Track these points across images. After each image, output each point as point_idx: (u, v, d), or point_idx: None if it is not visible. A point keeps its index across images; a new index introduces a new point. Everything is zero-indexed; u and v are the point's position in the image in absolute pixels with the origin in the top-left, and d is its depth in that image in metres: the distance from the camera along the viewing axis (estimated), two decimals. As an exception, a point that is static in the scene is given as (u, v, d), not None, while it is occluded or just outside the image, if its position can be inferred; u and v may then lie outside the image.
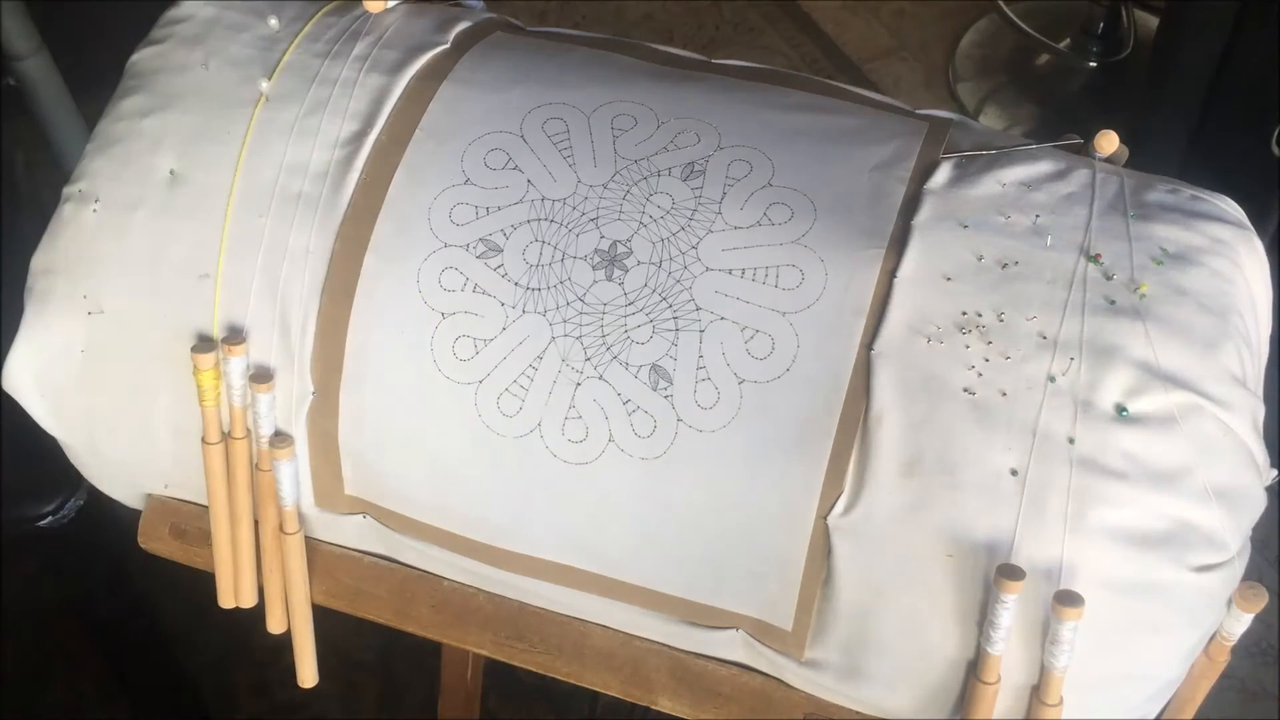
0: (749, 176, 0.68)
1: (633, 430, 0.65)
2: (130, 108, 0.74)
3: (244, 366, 0.70)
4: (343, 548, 0.78)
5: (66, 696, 1.40)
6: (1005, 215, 0.67)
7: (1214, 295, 0.65)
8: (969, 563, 0.62)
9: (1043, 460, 0.61)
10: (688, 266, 0.66)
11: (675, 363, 0.65)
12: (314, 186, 0.70)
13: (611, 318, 0.66)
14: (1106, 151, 0.71)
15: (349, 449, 0.71)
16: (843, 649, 0.67)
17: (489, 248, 0.68)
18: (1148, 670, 0.64)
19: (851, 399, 0.64)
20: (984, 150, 0.70)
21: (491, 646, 0.76)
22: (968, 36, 2.04)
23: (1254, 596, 0.63)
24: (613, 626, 0.74)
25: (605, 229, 0.67)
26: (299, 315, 0.69)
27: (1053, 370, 0.63)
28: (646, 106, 0.71)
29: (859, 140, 0.70)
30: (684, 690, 0.73)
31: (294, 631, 0.79)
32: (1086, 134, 0.72)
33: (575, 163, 0.69)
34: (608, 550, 0.69)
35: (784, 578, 0.66)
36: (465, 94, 0.72)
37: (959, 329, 0.64)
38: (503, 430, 0.67)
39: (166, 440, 0.74)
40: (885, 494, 0.63)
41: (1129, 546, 0.61)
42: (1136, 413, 0.62)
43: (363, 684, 1.41)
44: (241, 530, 0.75)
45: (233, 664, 1.42)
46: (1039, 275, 0.65)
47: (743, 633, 0.70)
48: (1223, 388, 0.63)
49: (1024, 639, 0.63)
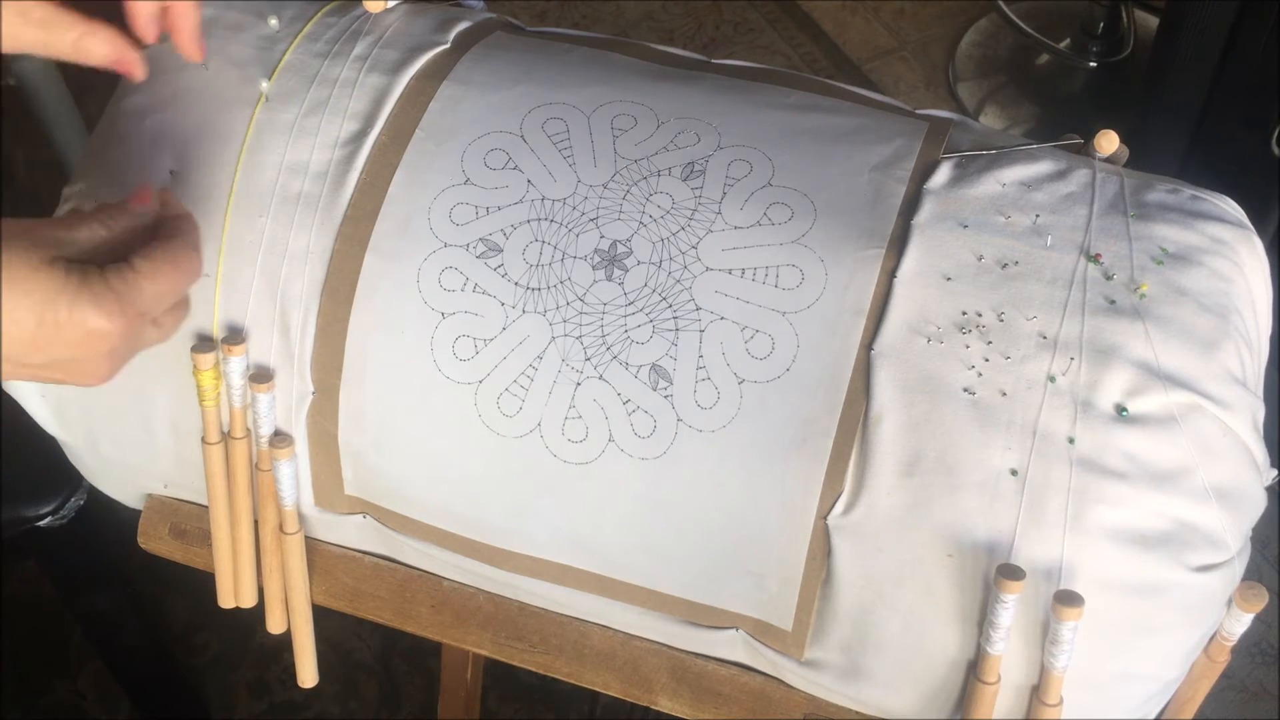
0: (749, 176, 0.68)
1: (633, 430, 0.65)
2: (130, 108, 0.74)
3: (244, 366, 0.70)
4: (343, 548, 0.78)
5: (66, 696, 1.40)
6: (1005, 215, 0.67)
7: (1214, 295, 0.65)
8: (969, 563, 0.62)
9: (1043, 460, 0.61)
10: (688, 266, 0.66)
11: (675, 363, 0.65)
12: (314, 186, 0.70)
13: (611, 318, 0.66)
14: (1106, 151, 0.71)
15: (349, 449, 0.71)
16: (843, 649, 0.67)
17: (489, 248, 0.68)
18: (1148, 670, 0.64)
19: (851, 399, 0.64)
20: (984, 150, 0.70)
21: (491, 646, 0.76)
22: (968, 36, 2.05)
23: (1254, 596, 0.63)
24: (612, 626, 0.74)
25: (605, 229, 0.67)
26: (299, 315, 0.69)
27: (1053, 370, 0.63)
28: (646, 106, 0.71)
29: (859, 140, 0.70)
30: (684, 690, 0.73)
31: (294, 631, 0.79)
32: (1086, 134, 0.72)
33: (575, 163, 0.69)
34: (607, 550, 0.69)
35: (784, 578, 0.66)
36: (465, 94, 0.72)
37: (959, 329, 0.64)
38: (503, 430, 0.67)
39: (166, 440, 0.74)
40: (885, 494, 0.63)
41: (1129, 546, 0.61)
42: (1136, 413, 0.62)
43: (363, 684, 1.41)
44: (241, 530, 0.75)
45: (233, 664, 1.42)
46: (1039, 275, 0.65)
47: (743, 633, 0.70)
48: (1223, 388, 0.63)
49: (1024, 639, 0.63)
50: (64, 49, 0.61)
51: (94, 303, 0.55)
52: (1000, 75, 2.00)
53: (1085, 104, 1.97)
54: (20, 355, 0.55)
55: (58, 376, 0.57)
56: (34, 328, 0.54)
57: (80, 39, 0.61)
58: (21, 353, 0.55)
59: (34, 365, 0.56)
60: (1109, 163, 0.72)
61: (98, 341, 0.55)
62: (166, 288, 0.58)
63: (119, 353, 0.58)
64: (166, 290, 0.58)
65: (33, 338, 0.54)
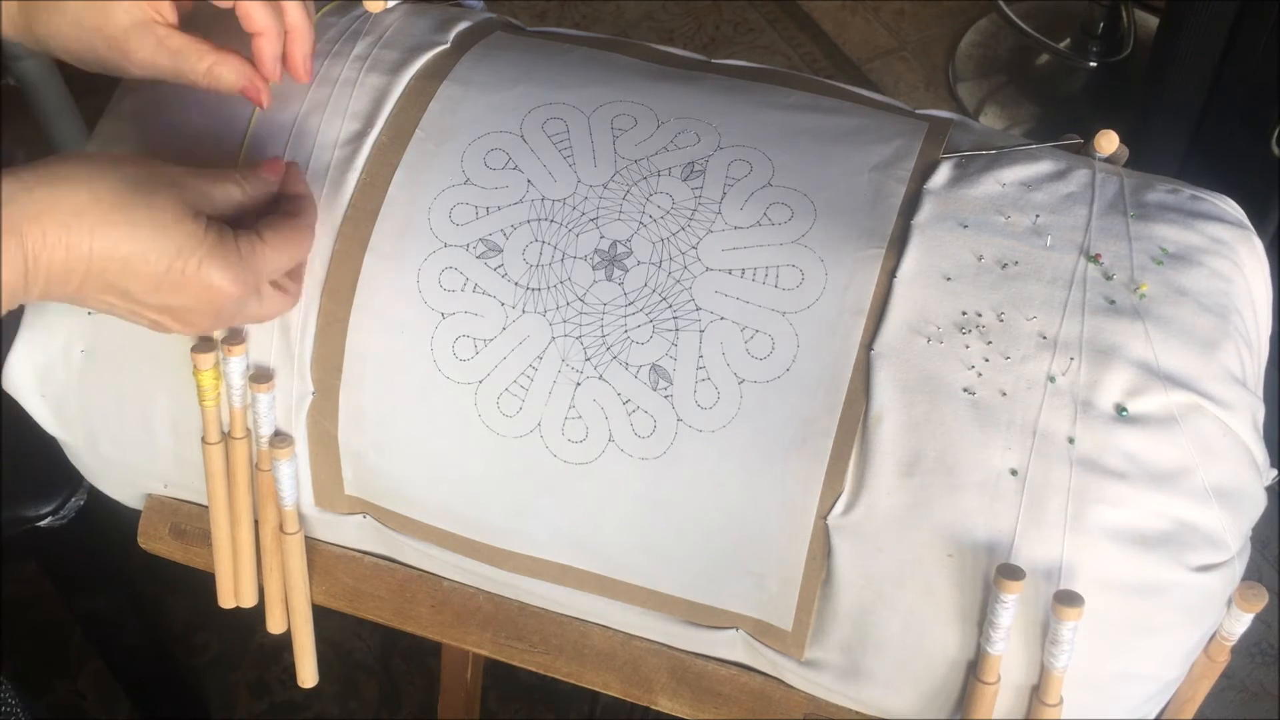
0: (749, 176, 0.68)
1: (633, 430, 0.65)
2: (131, 108, 0.74)
3: (244, 366, 0.70)
4: (343, 548, 0.78)
5: (66, 696, 1.40)
6: (1005, 215, 0.67)
7: (1214, 295, 0.65)
8: (969, 563, 0.62)
9: (1043, 460, 0.61)
10: (688, 266, 0.66)
11: (675, 363, 0.65)
12: (314, 186, 0.70)
13: (611, 318, 0.66)
14: (1107, 151, 0.71)
15: (349, 449, 0.71)
16: (843, 649, 0.67)
17: (489, 248, 0.68)
18: (1148, 670, 0.64)
19: (851, 399, 0.64)
20: (984, 150, 0.70)
21: (491, 646, 0.76)
22: (968, 36, 2.05)
23: (1254, 596, 0.63)
24: (613, 626, 0.74)
25: (605, 229, 0.67)
26: (299, 315, 0.69)
27: (1053, 370, 0.63)
28: (646, 106, 0.71)
29: (859, 140, 0.70)
30: (684, 690, 0.73)
31: (294, 631, 0.79)
32: (1086, 134, 0.72)
33: (575, 163, 0.69)
34: (607, 550, 0.69)
35: (784, 578, 0.66)
36: (465, 94, 0.72)
37: (959, 329, 0.64)
38: (503, 430, 0.67)
39: (166, 440, 0.74)
40: (885, 494, 0.63)
41: (1129, 546, 0.61)
42: (1136, 413, 0.62)
43: (363, 684, 1.41)
44: (241, 530, 0.75)
45: (233, 664, 1.42)
46: (1039, 275, 0.65)
47: (743, 633, 0.70)
48: (1223, 388, 0.63)
49: (1024, 639, 0.63)
50: (196, 77, 0.66)
51: (222, 263, 0.60)
52: (1000, 75, 2.00)
53: (1085, 104, 1.97)
54: (140, 293, 0.59)
55: (163, 321, 0.61)
56: (162, 272, 0.58)
57: (212, 67, 0.66)
58: (142, 290, 0.59)
59: (147, 305, 0.60)
60: (1109, 163, 0.72)
61: (215, 297, 0.60)
62: (285, 261, 0.63)
63: (225, 313, 0.62)
64: (284, 264, 0.63)
65: (158, 282, 0.59)
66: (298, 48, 0.69)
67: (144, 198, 0.58)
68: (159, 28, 0.65)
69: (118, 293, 0.59)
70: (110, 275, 0.58)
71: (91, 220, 0.57)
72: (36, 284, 0.57)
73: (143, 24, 0.65)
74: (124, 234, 0.57)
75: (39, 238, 0.56)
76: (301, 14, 0.68)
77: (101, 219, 0.57)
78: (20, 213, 0.55)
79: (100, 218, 0.57)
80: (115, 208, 0.57)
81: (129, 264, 0.58)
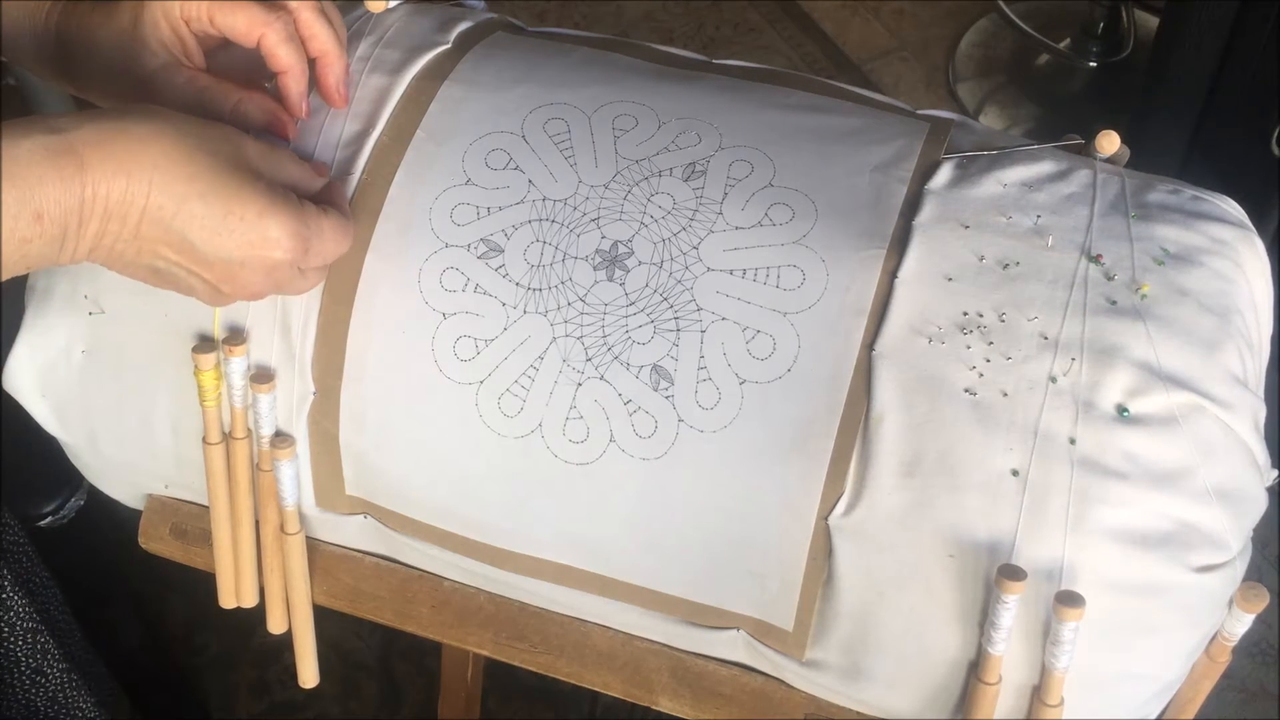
0: (750, 177, 0.68)
1: (634, 431, 0.65)
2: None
3: (245, 367, 0.70)
4: (343, 548, 0.78)
5: (66, 696, 1.40)
6: (1006, 216, 0.67)
7: (1215, 295, 0.65)
8: (970, 563, 0.62)
9: (1044, 461, 0.61)
10: (689, 267, 0.66)
11: (676, 363, 0.65)
12: (315, 186, 0.70)
13: (613, 318, 0.66)
14: (1107, 152, 0.71)
15: (350, 449, 0.71)
16: (844, 649, 0.67)
17: (490, 248, 0.68)
18: (1149, 670, 0.64)
19: (852, 399, 0.64)
20: (985, 151, 0.70)
21: (492, 646, 0.76)
22: (968, 36, 2.05)
23: (1255, 597, 0.63)
24: (613, 627, 0.74)
25: (606, 229, 0.67)
26: (300, 315, 0.69)
27: (1054, 371, 0.63)
28: (647, 106, 0.71)
29: (860, 140, 0.70)
30: (685, 690, 0.73)
31: (294, 631, 0.79)
32: (1087, 134, 0.72)
33: (576, 163, 0.69)
34: (608, 550, 0.69)
35: (785, 578, 0.66)
36: (466, 94, 0.72)
37: (960, 329, 0.64)
38: (504, 430, 0.67)
39: (167, 440, 0.74)
40: (886, 494, 0.63)
41: (1130, 547, 0.61)
42: (1138, 413, 0.62)
43: (363, 684, 1.41)
44: (242, 530, 0.75)
45: (233, 664, 1.42)
46: (1040, 276, 0.65)
47: (743, 633, 0.70)
48: (1224, 388, 0.63)
49: (1025, 639, 0.63)
50: (222, 114, 0.67)
51: (282, 217, 0.61)
52: (1000, 75, 2.00)
53: (1085, 104, 1.97)
54: (199, 240, 0.59)
55: (217, 283, 0.62)
56: (220, 217, 0.59)
57: (237, 106, 0.68)
58: (201, 238, 0.59)
59: (204, 260, 0.60)
60: (1110, 163, 0.72)
61: (270, 250, 0.61)
62: (335, 240, 0.65)
63: (277, 274, 0.63)
64: (333, 242, 0.64)
65: (215, 228, 0.59)
66: (329, 75, 0.70)
67: (207, 144, 0.59)
68: (186, 69, 0.67)
69: (176, 243, 0.59)
70: (169, 217, 0.58)
71: (154, 154, 0.57)
72: (94, 216, 0.57)
73: (170, 66, 0.66)
74: (186, 173, 0.58)
75: (98, 163, 0.56)
76: (331, 40, 0.69)
77: (164, 155, 0.58)
78: (81, 136, 0.56)
79: (163, 153, 0.58)
80: (179, 149, 0.58)
81: (187, 204, 0.58)
